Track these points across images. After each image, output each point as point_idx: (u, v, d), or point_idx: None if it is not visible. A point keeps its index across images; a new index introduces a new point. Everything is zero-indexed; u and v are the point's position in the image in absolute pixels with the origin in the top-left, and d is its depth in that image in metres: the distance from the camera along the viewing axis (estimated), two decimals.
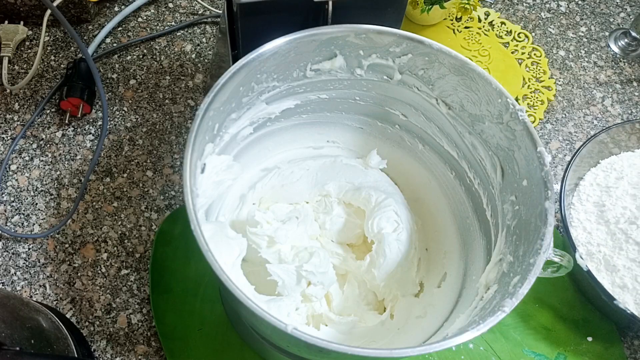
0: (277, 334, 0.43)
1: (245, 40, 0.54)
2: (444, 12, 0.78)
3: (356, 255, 0.59)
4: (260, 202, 0.60)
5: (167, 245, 0.63)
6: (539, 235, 0.45)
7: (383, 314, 0.55)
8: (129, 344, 0.59)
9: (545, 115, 0.76)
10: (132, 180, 0.67)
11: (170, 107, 0.72)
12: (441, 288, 0.56)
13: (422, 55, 0.52)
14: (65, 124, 0.70)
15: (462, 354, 0.61)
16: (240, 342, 0.59)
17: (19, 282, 0.61)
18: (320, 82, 0.56)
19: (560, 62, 0.80)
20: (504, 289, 0.45)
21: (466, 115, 0.53)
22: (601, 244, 0.62)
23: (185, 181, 0.43)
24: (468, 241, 0.57)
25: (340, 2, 0.52)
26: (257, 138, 0.58)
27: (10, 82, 0.72)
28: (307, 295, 0.53)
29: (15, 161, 0.68)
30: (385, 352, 0.39)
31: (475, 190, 0.56)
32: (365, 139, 0.63)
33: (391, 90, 0.56)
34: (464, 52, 0.79)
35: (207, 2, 0.79)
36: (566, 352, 0.62)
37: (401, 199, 0.60)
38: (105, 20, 0.77)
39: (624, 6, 0.86)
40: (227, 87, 0.47)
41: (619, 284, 0.60)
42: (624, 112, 0.77)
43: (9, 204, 0.65)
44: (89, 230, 0.64)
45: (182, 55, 0.76)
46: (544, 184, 0.46)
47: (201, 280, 0.61)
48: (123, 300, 0.61)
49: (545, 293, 0.64)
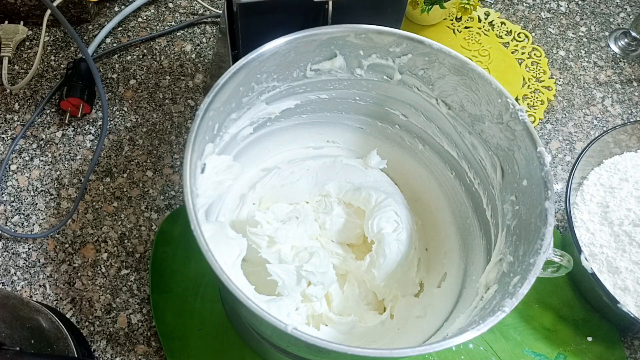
0: (277, 334, 0.43)
1: (245, 40, 0.54)
2: (444, 12, 0.78)
3: (356, 255, 0.59)
4: (260, 202, 0.60)
5: (167, 245, 0.63)
6: (539, 235, 0.45)
7: (383, 314, 0.55)
8: (129, 344, 0.59)
9: (545, 115, 0.76)
10: (132, 180, 0.67)
11: (170, 107, 0.72)
12: (441, 288, 0.56)
13: (422, 55, 0.52)
14: (65, 124, 0.70)
15: (462, 354, 0.61)
16: (240, 342, 0.59)
17: (19, 282, 0.61)
18: (320, 82, 0.56)
19: (560, 62, 0.80)
20: (504, 289, 0.45)
21: (466, 115, 0.53)
22: (604, 245, 0.62)
23: (185, 181, 0.43)
24: (468, 241, 0.57)
25: (340, 2, 0.52)
26: (257, 138, 0.58)
27: (10, 82, 0.72)
28: (307, 295, 0.53)
29: (15, 161, 0.68)
30: (385, 352, 0.39)
31: (475, 190, 0.56)
32: (365, 139, 0.63)
33: (391, 90, 0.56)
34: (464, 52, 0.79)
35: (207, 2, 0.79)
36: (566, 352, 0.62)
37: (401, 199, 0.60)
38: (105, 20, 0.77)
39: (624, 6, 0.86)
40: (227, 87, 0.47)
41: (620, 286, 0.60)
42: (624, 112, 0.77)
43: (9, 204, 0.65)
44: (89, 230, 0.64)
45: (182, 55, 0.76)
46: (544, 184, 0.46)
47: (201, 280, 0.61)
48: (123, 300, 0.61)
49: (545, 293, 0.64)
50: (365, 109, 0.60)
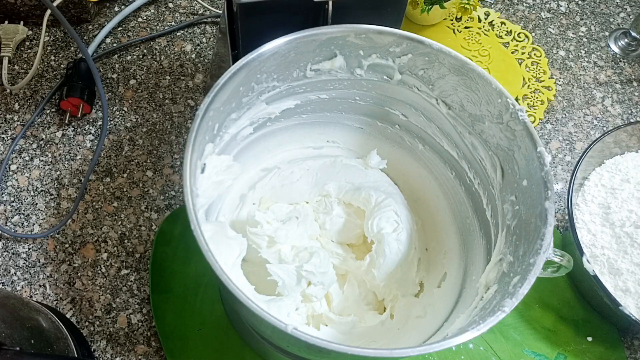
0: (277, 334, 0.43)
1: (245, 40, 0.54)
2: (444, 12, 0.78)
3: (356, 255, 0.59)
4: (260, 202, 0.60)
5: (167, 245, 0.63)
6: (539, 235, 0.45)
7: (383, 314, 0.55)
8: (129, 344, 0.59)
9: (545, 115, 0.76)
10: (132, 180, 0.67)
11: (170, 107, 0.72)
12: (441, 288, 0.56)
13: (422, 55, 0.52)
14: (65, 124, 0.70)
15: (462, 354, 0.61)
16: (240, 342, 0.59)
17: (19, 282, 0.61)
18: (320, 82, 0.56)
19: (560, 62, 0.80)
20: (504, 289, 0.45)
21: (466, 115, 0.53)
22: (605, 246, 0.62)
23: (185, 181, 0.43)
24: (468, 241, 0.57)
25: (340, 2, 0.52)
26: (257, 138, 0.58)
27: (10, 82, 0.72)
28: (307, 295, 0.53)
29: (15, 161, 0.68)
30: (385, 352, 0.39)
31: (475, 190, 0.56)
32: (365, 139, 0.63)
33: (391, 90, 0.56)
34: (464, 52, 0.79)
35: (207, 2, 0.79)
36: (566, 352, 0.62)
37: (401, 199, 0.60)
38: (105, 20, 0.77)
39: (624, 6, 0.86)
40: (227, 87, 0.47)
41: (621, 287, 0.60)
42: (624, 112, 0.77)
43: (9, 204, 0.65)
44: (89, 230, 0.64)
45: (182, 55, 0.76)
46: (544, 184, 0.46)
47: (201, 280, 0.61)
48: (123, 300, 0.61)
49: (545, 293, 0.64)
50: (365, 109, 0.60)
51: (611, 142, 0.67)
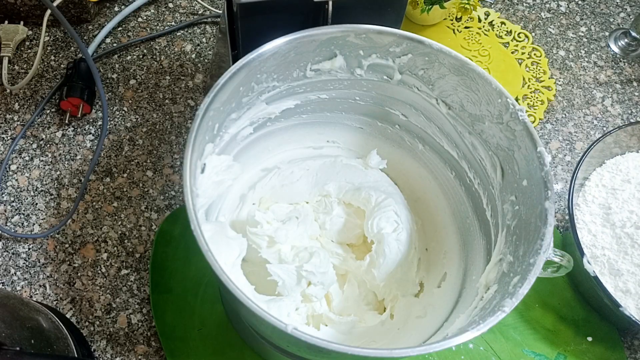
0: (277, 334, 0.43)
1: (245, 40, 0.54)
2: (444, 12, 0.78)
3: (356, 255, 0.59)
4: (260, 202, 0.60)
5: (167, 245, 0.63)
6: (539, 235, 0.45)
7: (383, 314, 0.55)
8: (129, 344, 0.59)
9: (545, 115, 0.76)
10: (132, 180, 0.67)
11: (170, 107, 0.72)
12: (441, 288, 0.56)
13: (422, 55, 0.52)
14: (65, 124, 0.70)
15: (462, 354, 0.61)
16: (240, 342, 0.59)
17: (19, 282, 0.61)
18: (320, 82, 0.56)
19: (560, 62, 0.80)
20: (504, 289, 0.45)
21: (466, 115, 0.53)
22: (606, 247, 0.62)
23: (185, 181, 0.43)
24: (468, 241, 0.57)
25: (340, 2, 0.52)
26: (257, 138, 0.58)
27: (10, 82, 0.72)
28: (307, 295, 0.53)
29: (15, 161, 0.68)
30: (385, 352, 0.39)
31: (475, 190, 0.56)
32: (365, 139, 0.63)
33: (391, 90, 0.56)
34: (464, 52, 0.79)
35: (207, 2, 0.79)
36: (566, 352, 0.62)
37: (401, 199, 0.60)
38: (105, 20, 0.77)
39: (624, 6, 0.86)
40: (227, 87, 0.47)
41: (621, 288, 0.60)
42: (624, 112, 0.77)
43: (9, 204, 0.65)
44: (89, 230, 0.64)
45: (182, 55, 0.76)
46: (544, 184, 0.46)
47: (201, 280, 0.61)
48: (123, 300, 0.61)
49: (545, 293, 0.64)
50: (365, 109, 0.60)
51: (611, 142, 0.67)
